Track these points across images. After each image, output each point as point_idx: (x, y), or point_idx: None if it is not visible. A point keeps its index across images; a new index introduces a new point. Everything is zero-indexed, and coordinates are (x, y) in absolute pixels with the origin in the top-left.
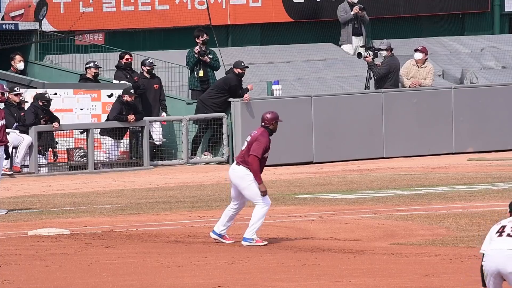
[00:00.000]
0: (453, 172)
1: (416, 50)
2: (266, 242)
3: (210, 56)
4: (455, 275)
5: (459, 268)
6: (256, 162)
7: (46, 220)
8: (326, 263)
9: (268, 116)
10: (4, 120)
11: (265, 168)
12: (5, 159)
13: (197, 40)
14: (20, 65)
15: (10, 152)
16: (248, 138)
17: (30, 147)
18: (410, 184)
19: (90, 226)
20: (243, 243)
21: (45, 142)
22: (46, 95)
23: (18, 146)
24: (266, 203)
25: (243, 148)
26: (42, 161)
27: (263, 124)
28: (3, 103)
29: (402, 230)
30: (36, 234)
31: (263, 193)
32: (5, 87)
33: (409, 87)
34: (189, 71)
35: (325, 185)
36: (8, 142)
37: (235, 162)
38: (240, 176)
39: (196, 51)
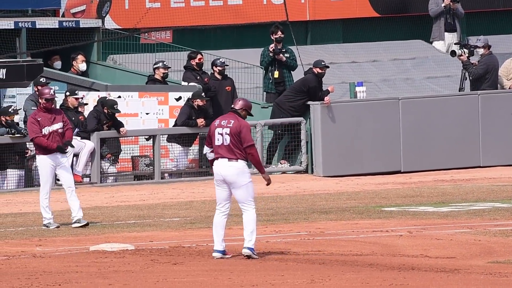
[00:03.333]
0: None
1: None
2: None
3: (287, 55)
4: None
5: None
6: (257, 151)
7: (109, 235)
8: (416, 283)
9: (243, 102)
10: (62, 123)
11: (347, 177)
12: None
13: (272, 37)
14: (83, 66)
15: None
16: (222, 130)
17: (91, 154)
18: (511, 196)
19: (156, 241)
20: (246, 251)
21: (115, 149)
22: (115, 106)
23: (79, 153)
24: (254, 205)
25: (222, 143)
26: (111, 169)
27: (236, 109)
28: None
29: (501, 247)
30: (98, 250)
31: (269, 182)
32: (52, 91)
33: (509, 88)
34: (263, 71)
35: (415, 196)
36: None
37: (224, 159)
38: (240, 171)
39: (271, 49)
